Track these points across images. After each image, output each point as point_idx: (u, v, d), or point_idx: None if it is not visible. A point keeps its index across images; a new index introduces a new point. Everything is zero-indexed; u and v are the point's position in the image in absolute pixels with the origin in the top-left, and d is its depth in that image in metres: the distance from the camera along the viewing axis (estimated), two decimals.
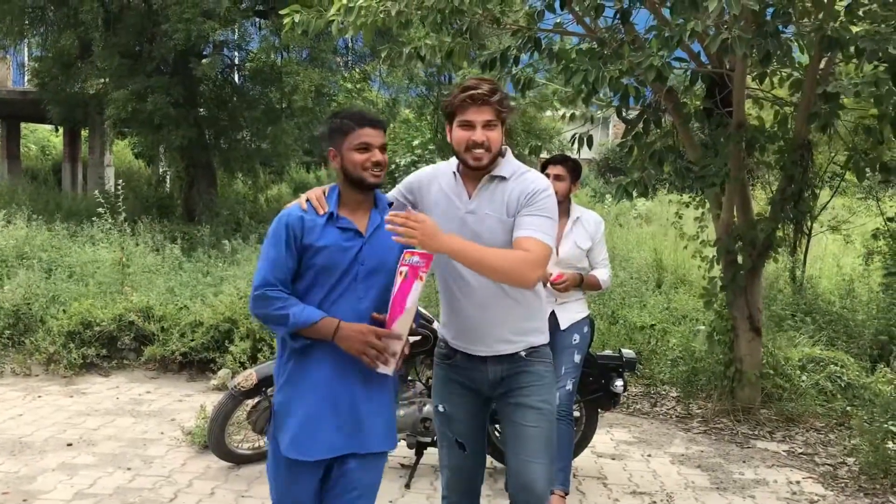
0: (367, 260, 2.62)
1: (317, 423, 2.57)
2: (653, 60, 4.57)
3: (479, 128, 2.68)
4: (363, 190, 2.65)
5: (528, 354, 2.82)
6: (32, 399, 6.03)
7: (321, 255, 2.59)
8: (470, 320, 2.80)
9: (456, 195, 2.79)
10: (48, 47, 15.12)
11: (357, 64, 17.05)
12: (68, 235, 9.74)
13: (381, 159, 2.62)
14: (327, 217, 2.62)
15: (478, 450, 2.97)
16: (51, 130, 26.00)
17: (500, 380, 2.82)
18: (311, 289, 2.60)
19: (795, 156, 5.81)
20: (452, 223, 2.73)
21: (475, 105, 2.68)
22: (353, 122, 2.63)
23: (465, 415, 2.91)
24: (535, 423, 2.77)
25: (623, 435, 5.77)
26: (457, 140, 2.73)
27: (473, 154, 2.70)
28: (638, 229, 14.18)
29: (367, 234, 2.64)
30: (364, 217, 2.68)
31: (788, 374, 6.34)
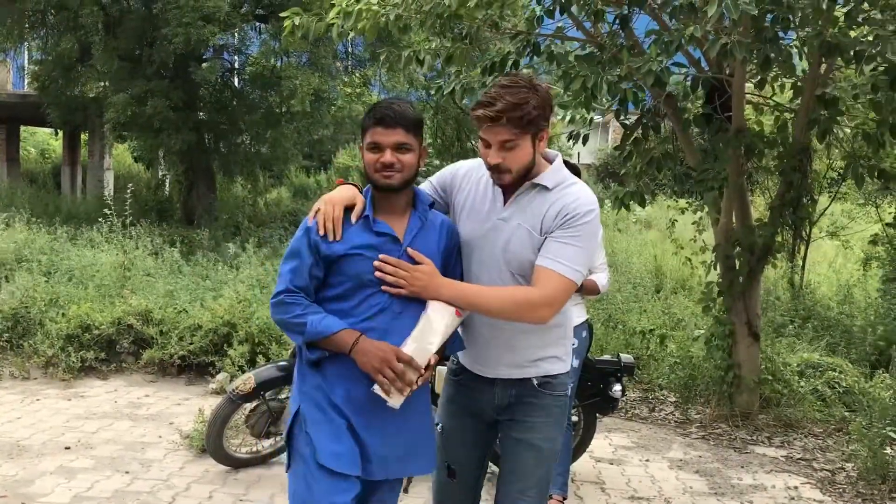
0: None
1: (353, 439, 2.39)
2: (652, 65, 4.57)
3: (496, 149, 2.41)
4: (383, 191, 2.43)
5: (541, 385, 2.57)
6: (31, 402, 6.02)
7: (351, 264, 2.38)
8: (480, 339, 2.58)
9: (491, 199, 2.55)
10: (48, 51, 15.17)
11: (357, 68, 17.09)
12: (68, 239, 9.75)
13: (391, 160, 2.37)
14: (362, 220, 2.42)
15: (470, 483, 2.74)
16: (50, 134, 26.04)
17: (506, 406, 2.60)
18: (343, 301, 2.40)
19: (795, 161, 5.82)
20: (482, 225, 2.54)
21: (486, 125, 2.41)
22: (369, 117, 2.41)
23: (462, 441, 2.71)
24: (533, 462, 2.58)
25: (621, 440, 5.77)
26: (481, 155, 2.51)
27: (493, 176, 2.48)
28: (638, 235, 14.19)
29: (405, 241, 2.43)
30: (402, 220, 2.47)
31: (787, 379, 6.34)
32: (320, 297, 2.43)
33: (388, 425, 2.42)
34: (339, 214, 2.38)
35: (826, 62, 5.44)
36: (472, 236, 2.55)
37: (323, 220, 2.38)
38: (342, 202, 2.41)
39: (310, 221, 2.42)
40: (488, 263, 2.52)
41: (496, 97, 2.37)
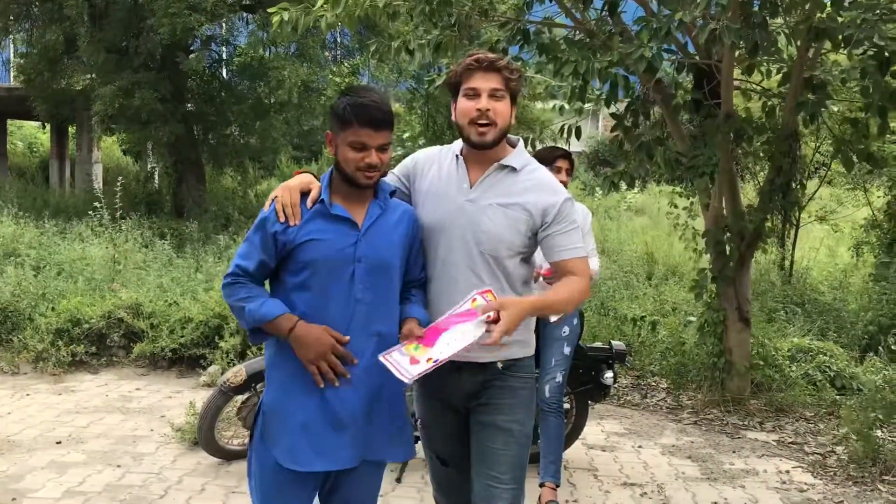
0: (364, 257, 2.38)
1: (318, 432, 2.34)
2: (644, 52, 4.56)
3: (485, 96, 2.45)
4: (355, 187, 2.40)
5: (506, 367, 2.56)
6: (21, 397, 5.99)
7: (308, 250, 2.35)
8: None
9: (456, 181, 2.56)
10: (33, 43, 15.00)
11: (346, 58, 16.99)
12: (57, 232, 9.69)
13: (376, 161, 2.34)
14: (317, 204, 2.39)
15: (460, 464, 2.70)
16: (38, 127, 25.81)
17: (475, 392, 2.58)
18: (304, 288, 2.37)
19: (783, 146, 5.83)
20: (448, 208, 2.53)
21: (481, 70, 2.46)
22: (355, 116, 2.32)
23: (442, 431, 2.71)
24: (503, 446, 2.54)
25: (614, 427, 5.78)
26: (460, 112, 2.50)
27: (478, 128, 2.47)
28: (629, 222, 14.20)
29: (363, 228, 2.40)
30: (362, 208, 2.43)
31: (778, 364, 6.37)
32: (286, 287, 2.40)
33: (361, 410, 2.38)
34: (295, 199, 2.37)
35: (814, 47, 5.43)
36: (438, 219, 2.53)
37: (280, 207, 2.35)
38: (298, 188, 2.39)
39: (266, 209, 2.40)
40: (457, 246, 2.51)
41: (485, 54, 2.51)
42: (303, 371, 2.34)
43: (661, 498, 4.48)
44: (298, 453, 2.34)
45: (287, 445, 2.35)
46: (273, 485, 2.39)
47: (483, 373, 2.56)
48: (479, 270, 2.51)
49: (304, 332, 2.31)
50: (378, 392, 2.41)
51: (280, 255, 2.38)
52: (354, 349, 2.36)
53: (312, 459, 2.34)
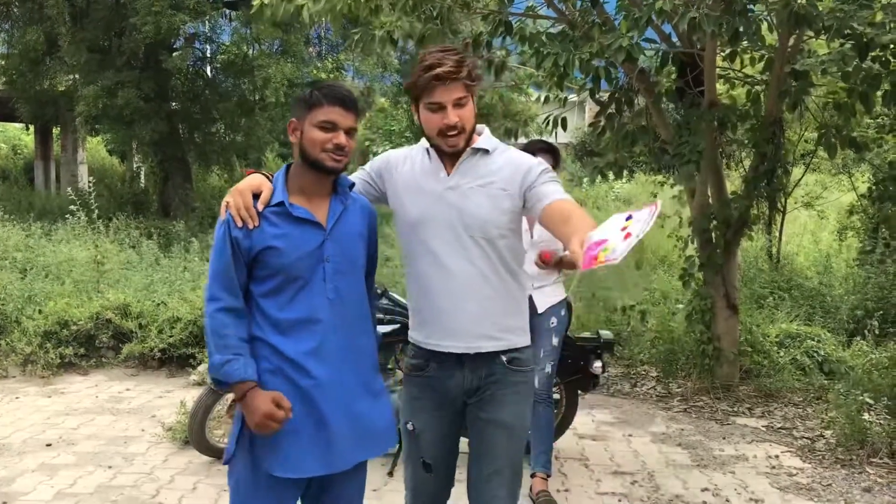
0: (332, 256, 2.33)
1: (307, 439, 2.30)
2: (622, 41, 4.57)
3: (451, 108, 2.42)
4: (321, 173, 2.34)
5: (510, 362, 2.55)
6: (10, 400, 5.96)
7: (274, 256, 2.28)
8: (446, 314, 2.51)
9: (431, 173, 2.55)
10: (14, 44, 14.90)
11: (330, 53, 16.96)
12: (42, 235, 9.64)
13: (345, 143, 2.30)
14: (276, 207, 2.31)
15: (446, 473, 2.70)
16: (21, 129, 25.67)
17: (476, 388, 2.56)
18: (277, 295, 2.31)
19: (767, 133, 5.85)
20: (429, 200, 2.51)
21: (442, 84, 2.40)
22: (324, 96, 2.30)
23: (436, 435, 2.64)
24: (505, 441, 2.55)
25: (604, 416, 5.81)
26: (427, 124, 2.48)
27: (448, 140, 2.46)
28: (617, 212, 14.22)
29: (328, 227, 2.34)
30: (323, 205, 2.37)
31: (766, 350, 6.41)
32: (255, 295, 2.33)
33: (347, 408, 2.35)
34: (248, 202, 2.30)
35: (795, 34, 5.46)
36: (422, 212, 2.51)
37: (235, 212, 2.29)
38: (248, 190, 2.32)
39: (222, 216, 2.32)
40: (446, 235, 2.49)
41: (442, 57, 2.41)
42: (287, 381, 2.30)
43: (651, 485, 4.50)
44: (287, 459, 2.30)
45: (274, 452, 2.30)
46: (257, 491, 2.35)
47: (486, 367, 2.55)
48: (472, 257, 2.49)
49: (251, 400, 2.24)
50: (359, 390, 2.39)
51: (247, 261, 2.31)
52: (331, 349, 2.33)
53: (301, 464, 2.31)
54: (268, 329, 2.31)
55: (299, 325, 2.30)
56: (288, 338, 2.30)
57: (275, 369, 2.30)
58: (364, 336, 2.44)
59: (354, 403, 2.37)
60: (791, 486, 4.52)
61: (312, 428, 2.30)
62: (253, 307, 2.34)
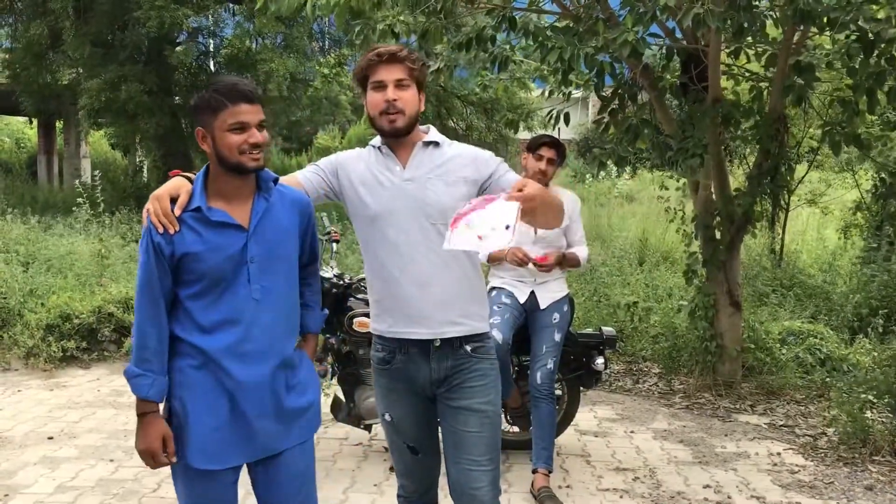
0: (257, 256, 2.30)
1: (229, 430, 2.31)
2: (627, 36, 4.55)
3: (391, 87, 2.52)
4: (240, 174, 2.29)
5: (475, 350, 2.61)
6: (12, 393, 5.97)
7: (195, 262, 2.25)
8: (411, 300, 2.56)
9: (386, 168, 2.60)
10: (18, 38, 14.90)
11: (332, 48, 16.94)
12: (45, 228, 9.64)
13: (260, 139, 2.25)
14: (193, 212, 2.26)
15: (431, 449, 2.76)
16: (25, 122, 25.69)
17: (443, 378, 2.60)
18: (201, 298, 2.29)
19: (771, 130, 5.82)
20: (387, 193, 2.56)
21: (384, 64, 2.52)
22: (225, 97, 2.23)
23: (413, 419, 2.70)
24: (478, 428, 2.57)
25: (606, 412, 5.80)
26: (370, 104, 2.56)
27: (388, 117, 2.53)
28: (620, 208, 14.22)
29: (251, 228, 2.29)
30: (245, 205, 2.32)
31: (769, 347, 6.39)
32: (181, 297, 2.30)
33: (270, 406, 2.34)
34: (165, 207, 2.26)
35: (799, 30, 5.43)
36: (382, 206, 2.56)
37: (155, 218, 2.25)
38: (166, 195, 2.28)
39: (144, 223, 2.30)
40: (409, 226, 2.54)
41: (388, 46, 2.58)
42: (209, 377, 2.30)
43: (653, 482, 4.50)
44: (209, 452, 2.30)
45: (197, 446, 2.30)
46: (192, 482, 2.35)
47: (452, 358, 2.59)
48: (432, 242, 2.52)
49: (146, 425, 2.27)
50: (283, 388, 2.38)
51: (170, 267, 2.27)
52: (254, 349, 2.31)
53: (224, 454, 2.32)
54: (192, 330, 2.30)
55: (222, 326, 2.29)
56: (211, 337, 2.29)
57: (200, 365, 2.30)
58: (289, 331, 2.44)
59: (278, 401, 2.36)
60: (793, 484, 4.51)
61: (235, 424, 2.31)
62: (179, 308, 2.32)
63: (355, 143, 23.68)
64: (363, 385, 4.52)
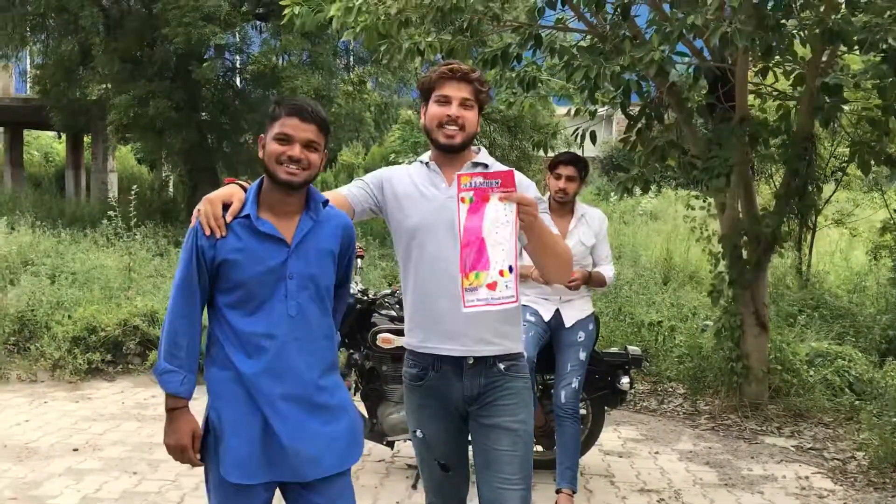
0: (296, 273, 2.31)
1: (262, 447, 2.31)
2: (654, 55, 4.54)
3: (456, 104, 2.56)
4: (282, 188, 2.32)
5: (508, 369, 2.61)
6: (38, 405, 6.02)
7: (235, 269, 2.28)
8: (445, 316, 2.56)
9: (431, 184, 2.63)
10: (49, 54, 15.15)
11: (357, 66, 17.05)
12: (72, 241, 9.75)
13: (300, 155, 2.27)
14: (242, 219, 2.30)
15: (461, 466, 2.76)
16: (54, 137, 26.08)
17: (476, 395, 2.60)
18: (237, 307, 2.31)
19: (799, 149, 5.78)
20: (429, 208, 2.59)
21: (454, 80, 2.57)
22: (282, 109, 2.32)
23: (445, 437, 2.70)
24: (510, 446, 2.57)
25: (630, 433, 5.75)
26: (430, 116, 2.60)
27: (446, 131, 2.57)
28: (644, 227, 14.14)
29: (293, 244, 2.32)
30: (292, 221, 2.35)
31: (796, 369, 6.31)
32: (220, 305, 2.34)
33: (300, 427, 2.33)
34: (217, 212, 2.30)
35: (828, 49, 5.40)
36: (423, 218, 2.59)
37: (204, 220, 2.29)
38: (219, 200, 2.32)
39: (192, 223, 2.33)
40: (446, 241, 2.55)
41: (459, 64, 2.63)
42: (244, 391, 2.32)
43: None
44: (244, 465, 2.31)
45: (232, 459, 2.31)
46: (227, 494, 2.35)
47: (485, 375, 2.60)
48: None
49: (176, 421, 2.35)
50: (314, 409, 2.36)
51: (210, 271, 2.31)
52: (286, 367, 2.32)
53: (258, 470, 2.31)
54: (230, 338, 2.33)
55: (257, 339, 2.31)
56: (245, 351, 2.31)
57: (235, 378, 2.33)
58: (324, 353, 2.42)
59: (309, 422, 2.34)
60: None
61: (267, 442, 2.31)
62: (217, 314, 2.36)
63: (378, 160, 23.79)
64: (386, 401, 4.51)
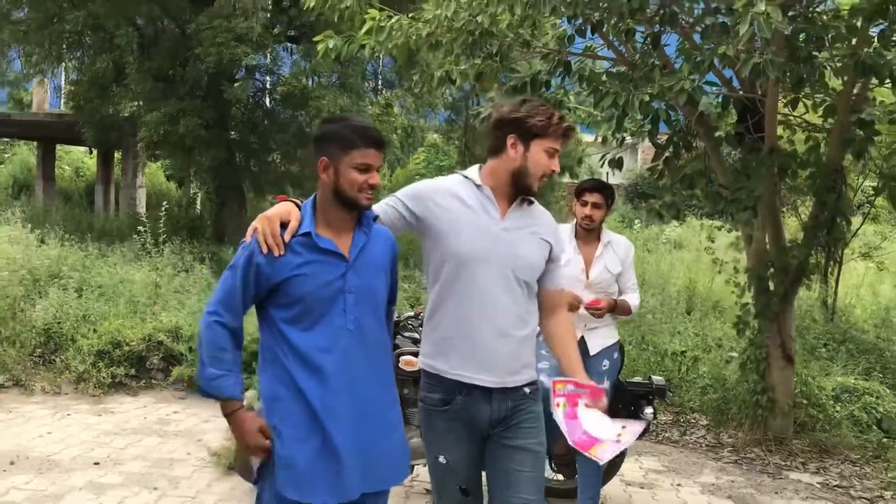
0: (354, 288, 2.38)
1: (322, 464, 2.33)
2: (684, 84, 4.54)
3: (556, 157, 2.73)
4: (346, 207, 2.40)
5: (532, 393, 2.73)
6: (61, 417, 6.07)
7: (297, 285, 2.32)
8: (485, 348, 2.62)
9: (484, 210, 2.68)
10: (84, 71, 15.41)
11: (385, 88, 17.18)
12: (100, 255, 9.85)
13: (377, 182, 2.39)
14: (302, 237, 2.35)
15: (478, 490, 2.82)
16: (84, 152, 26.43)
17: (502, 418, 2.67)
18: (295, 322, 2.35)
19: (828, 181, 5.73)
20: (485, 236, 2.64)
21: (567, 138, 2.71)
22: (359, 137, 2.36)
23: (469, 461, 2.73)
24: (531, 468, 2.66)
25: (652, 463, 5.68)
26: (537, 164, 2.67)
27: (540, 182, 2.73)
28: (668, 255, 14.05)
29: (351, 258, 2.39)
30: (347, 237, 2.42)
31: (822, 403, 6.21)
32: (275, 320, 2.37)
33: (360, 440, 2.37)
34: (275, 229, 2.35)
35: (860, 82, 5.36)
36: (474, 250, 2.63)
37: (262, 238, 2.33)
38: (277, 217, 2.37)
39: (247, 240, 2.36)
40: (496, 274, 2.63)
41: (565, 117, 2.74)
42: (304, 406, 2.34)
43: None
44: (303, 484, 2.33)
45: (290, 475, 2.34)
46: None
47: (511, 398, 2.67)
48: (516, 297, 2.67)
49: (239, 423, 2.36)
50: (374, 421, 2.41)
51: (265, 288, 2.35)
52: (346, 380, 2.36)
53: (317, 489, 2.33)
54: (287, 353, 2.36)
55: (317, 354, 2.34)
56: (304, 366, 2.34)
57: (295, 394, 2.35)
58: (381, 367, 2.48)
59: (368, 436, 2.39)
60: None
61: (326, 458, 2.33)
62: (273, 329, 2.39)
63: (402, 181, 23.87)
64: (408, 424, 4.48)
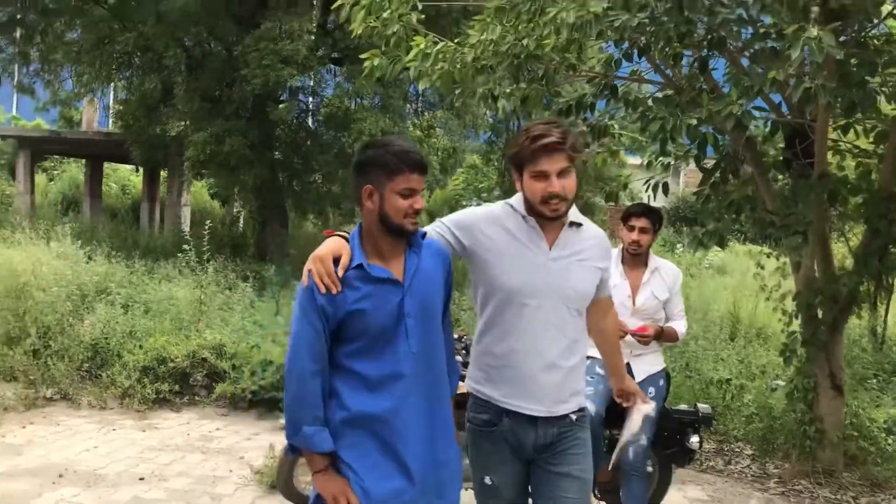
0: (412, 311, 2.38)
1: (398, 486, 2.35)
2: (733, 108, 4.49)
3: (555, 178, 2.53)
4: (394, 234, 2.40)
5: (578, 420, 2.71)
6: (107, 432, 6.15)
7: (359, 319, 2.33)
8: (533, 379, 2.61)
9: (531, 241, 2.63)
10: (133, 91, 15.78)
11: (426, 110, 17.30)
12: (146, 272, 10.02)
13: (421, 206, 2.40)
14: (355, 270, 2.35)
15: None
16: (131, 170, 26.99)
17: (548, 444, 2.66)
18: (360, 354, 2.37)
19: (881, 208, 5.62)
20: (533, 270, 2.61)
21: (547, 154, 2.52)
22: (403, 162, 2.35)
23: (514, 482, 2.72)
24: (577, 494, 2.64)
25: (696, 493, 5.57)
26: (531, 191, 2.58)
27: (551, 206, 2.56)
28: (711, 281, 13.85)
29: (406, 283, 2.40)
30: (399, 261, 2.43)
31: (874, 436, 6.05)
32: (341, 355, 2.38)
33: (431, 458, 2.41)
34: (329, 268, 2.34)
35: None
36: (524, 282, 2.59)
37: (318, 279, 2.33)
38: (330, 255, 2.36)
39: (304, 284, 2.36)
40: (547, 306, 2.59)
41: (547, 129, 2.54)
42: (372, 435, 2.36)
43: None
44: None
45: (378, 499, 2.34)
46: None
47: (559, 425, 2.65)
48: (566, 327, 2.64)
49: (326, 480, 2.35)
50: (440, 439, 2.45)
51: (331, 328, 2.36)
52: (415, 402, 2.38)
53: None
54: (355, 385, 2.36)
55: (385, 382, 2.35)
56: (374, 394, 2.35)
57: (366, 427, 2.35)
58: (444, 386, 2.51)
59: (437, 452, 2.43)
60: None
61: (401, 477, 2.35)
62: (340, 368, 2.39)
63: (440, 203, 23.95)
64: None
